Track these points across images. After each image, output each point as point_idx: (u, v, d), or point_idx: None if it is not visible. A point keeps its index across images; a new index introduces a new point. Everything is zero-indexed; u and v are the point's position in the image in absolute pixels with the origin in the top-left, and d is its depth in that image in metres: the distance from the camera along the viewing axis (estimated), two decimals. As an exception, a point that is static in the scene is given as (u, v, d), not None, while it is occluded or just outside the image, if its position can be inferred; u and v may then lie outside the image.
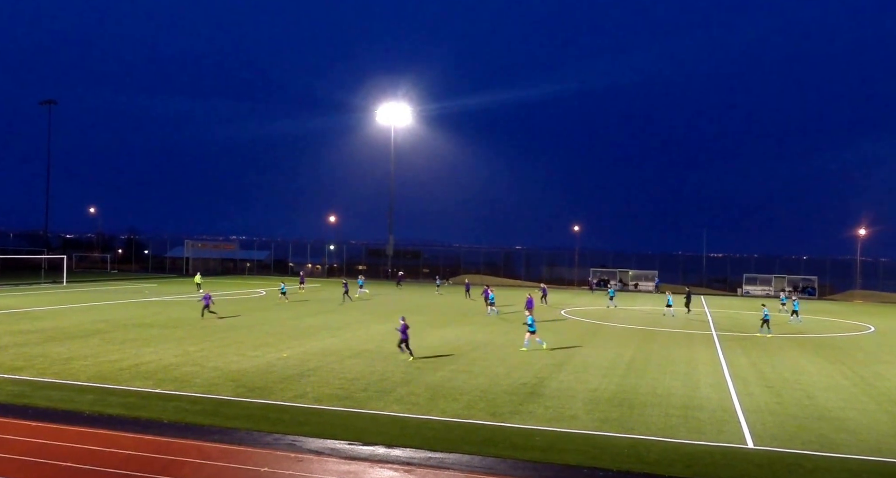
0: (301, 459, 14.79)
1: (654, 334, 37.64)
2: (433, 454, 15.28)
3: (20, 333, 31.35)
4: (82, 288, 60.80)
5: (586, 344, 32.88)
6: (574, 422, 18.40)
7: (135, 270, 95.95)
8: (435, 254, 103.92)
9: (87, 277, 75.46)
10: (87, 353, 26.72)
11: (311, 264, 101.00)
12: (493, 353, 29.23)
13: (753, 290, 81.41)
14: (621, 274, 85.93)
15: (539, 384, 23.01)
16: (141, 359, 25.81)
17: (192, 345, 29.26)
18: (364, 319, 40.74)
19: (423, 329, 36.73)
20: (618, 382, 23.91)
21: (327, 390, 21.25)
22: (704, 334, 38.41)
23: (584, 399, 21.01)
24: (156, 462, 14.26)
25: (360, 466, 14.49)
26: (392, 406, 19.49)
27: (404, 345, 26.93)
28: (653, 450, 16.06)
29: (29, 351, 26.85)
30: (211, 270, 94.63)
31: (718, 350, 32.19)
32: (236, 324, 36.91)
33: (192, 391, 20.73)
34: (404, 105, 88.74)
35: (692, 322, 44.90)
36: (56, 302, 47.09)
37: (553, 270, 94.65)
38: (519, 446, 16.09)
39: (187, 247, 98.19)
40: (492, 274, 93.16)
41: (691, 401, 21.26)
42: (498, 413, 19.08)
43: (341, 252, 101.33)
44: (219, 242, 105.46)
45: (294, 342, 30.74)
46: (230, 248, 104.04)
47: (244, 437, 16.24)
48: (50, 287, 61.12)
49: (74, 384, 21.32)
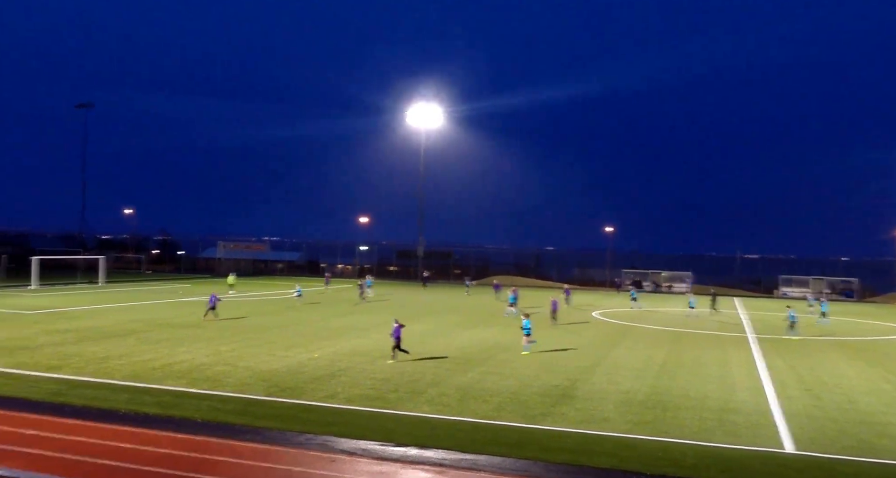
0: (333, 459, 14.80)
1: (687, 336, 37.24)
2: (465, 456, 15.21)
3: (57, 333, 31.78)
4: (117, 288, 61.55)
5: (617, 346, 32.61)
6: (606, 424, 18.23)
7: (168, 270, 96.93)
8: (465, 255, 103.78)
9: (122, 277, 76.39)
10: (123, 352, 27.01)
11: (341, 265, 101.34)
12: (522, 355, 29.08)
13: (790, 291, 79.85)
14: (653, 275, 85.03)
15: (570, 386, 22.84)
16: (174, 358, 26.04)
17: (224, 345, 29.47)
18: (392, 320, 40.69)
19: (451, 330, 36.70)
20: (650, 384, 23.67)
21: (358, 391, 21.27)
22: (739, 336, 37.92)
23: (616, 401, 20.82)
24: (189, 461, 14.34)
25: (391, 466, 14.46)
26: (423, 407, 19.45)
27: (397, 348, 26.50)
28: (688, 454, 15.85)
29: (65, 350, 27.20)
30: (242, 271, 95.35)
31: (754, 352, 31.75)
32: (267, 324, 37.12)
33: (224, 391, 20.86)
34: (435, 106, 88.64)
35: (726, 324, 44.38)
36: (92, 302, 47.70)
37: (584, 271, 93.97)
38: (550, 449, 15.97)
39: (220, 248, 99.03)
40: (522, 275, 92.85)
41: (726, 404, 20.97)
42: (529, 415, 18.97)
43: (372, 253, 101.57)
44: (251, 243, 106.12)
45: (324, 343, 30.84)
46: (262, 249, 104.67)
47: (276, 436, 16.29)
48: (86, 287, 61.93)
49: (110, 383, 21.55)
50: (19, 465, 13.44)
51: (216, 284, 64.86)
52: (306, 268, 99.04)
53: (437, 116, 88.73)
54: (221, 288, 59.55)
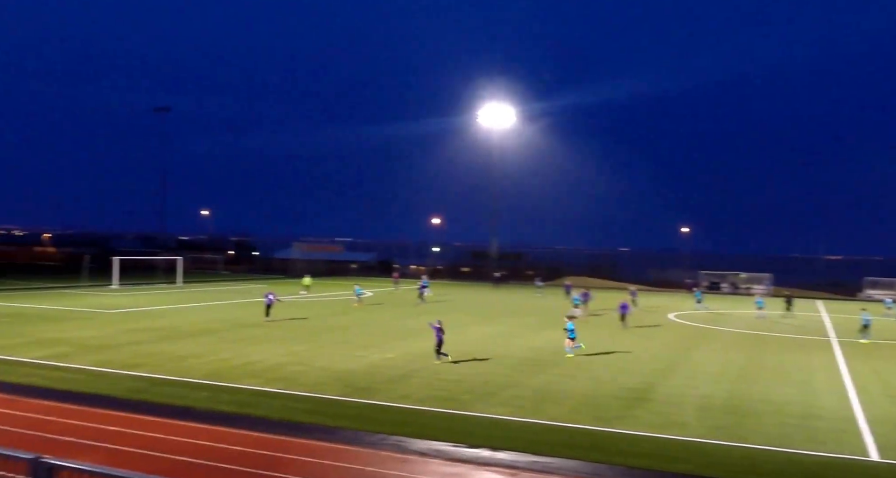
0: (406, 459, 14.80)
1: (767, 339, 36.17)
2: (538, 458, 15.03)
3: (137, 332, 32.70)
4: (195, 288, 63.06)
5: (695, 349, 31.89)
6: (684, 429, 17.79)
7: (244, 271, 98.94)
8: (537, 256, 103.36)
9: (200, 277, 78.21)
10: (201, 351, 27.61)
11: (413, 265, 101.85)
12: (596, 357, 28.69)
13: (876, 294, 76.61)
14: (732, 277, 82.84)
15: (646, 389, 22.41)
16: (251, 358, 26.50)
17: (300, 345, 29.86)
18: (467, 322, 40.71)
19: (524, 332, 36.48)
20: (729, 388, 23.05)
21: (431, 392, 21.27)
22: (822, 340, 36.68)
23: (694, 406, 20.33)
24: (264, 459, 14.53)
25: (464, 468, 14.39)
26: (496, 409, 19.32)
27: (439, 348, 26.33)
28: (768, 460, 15.36)
29: (145, 349, 27.96)
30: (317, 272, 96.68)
31: (837, 357, 30.66)
32: (341, 324, 37.47)
33: (299, 390, 21.11)
34: (506, 106, 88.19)
35: (807, 327, 42.98)
36: (171, 302, 48.98)
37: (659, 272, 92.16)
38: (626, 453, 15.67)
39: (294, 248, 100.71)
40: (595, 276, 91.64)
41: (809, 410, 20.27)
42: (604, 418, 18.66)
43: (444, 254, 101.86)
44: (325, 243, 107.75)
45: (398, 343, 30.97)
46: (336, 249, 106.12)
47: (349, 436, 16.38)
48: (165, 287, 63.63)
49: (188, 381, 22.04)
50: (101, 460, 13.80)
51: (292, 285, 65.93)
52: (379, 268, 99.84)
53: (509, 116, 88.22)
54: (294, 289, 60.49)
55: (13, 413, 17.68)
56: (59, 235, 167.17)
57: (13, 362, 24.70)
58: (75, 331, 32.13)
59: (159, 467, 13.79)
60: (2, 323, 34.54)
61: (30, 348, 27.30)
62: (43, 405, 18.56)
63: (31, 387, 20.71)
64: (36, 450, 7.73)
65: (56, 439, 15.43)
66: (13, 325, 34.13)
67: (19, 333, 31.17)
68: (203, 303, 48.30)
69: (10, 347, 27.58)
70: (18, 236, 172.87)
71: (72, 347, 27.64)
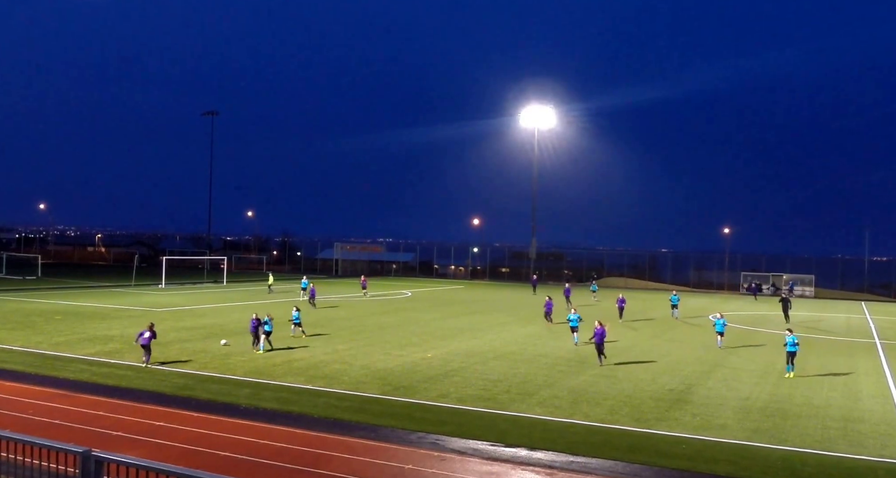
0: (444, 458, 15.02)
1: (810, 342, 35.68)
2: (575, 458, 15.15)
3: (184, 330, 33.39)
4: (240, 287, 64.00)
5: (736, 351, 31.62)
6: (723, 431, 17.76)
7: (287, 270, 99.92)
8: (577, 257, 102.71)
9: (245, 277, 79.30)
10: (245, 349, 28.12)
11: (453, 266, 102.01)
12: (636, 358, 28.64)
13: (924, 296, 75.23)
14: (774, 278, 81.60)
15: (686, 391, 22.35)
16: (293, 356, 26.94)
17: (341, 343, 30.25)
18: (507, 322, 40.83)
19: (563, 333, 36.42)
20: (770, 390, 22.88)
21: (470, 391, 21.47)
22: (867, 343, 36.13)
23: (734, 408, 20.25)
24: (306, 456, 14.85)
25: (502, 467, 14.56)
26: (534, 409, 19.46)
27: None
28: (809, 463, 15.29)
29: (192, 346, 28.57)
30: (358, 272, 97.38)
31: (882, 360, 30.20)
32: (383, 323, 37.80)
33: (340, 388, 21.45)
34: (547, 107, 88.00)
35: (852, 330, 42.31)
36: (217, 300, 49.82)
37: (701, 273, 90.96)
38: (664, 454, 15.71)
39: (337, 249, 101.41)
40: (636, 277, 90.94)
41: (851, 413, 20.06)
42: (643, 419, 18.69)
43: (484, 254, 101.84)
44: (366, 244, 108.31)
45: (438, 343, 31.21)
46: (377, 250, 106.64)
47: (389, 434, 16.65)
48: (211, 286, 64.69)
49: (233, 378, 22.53)
50: (148, 455, 14.23)
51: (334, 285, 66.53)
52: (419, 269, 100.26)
53: (550, 118, 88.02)
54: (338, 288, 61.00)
55: (65, 408, 18.28)
56: (111, 235, 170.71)
57: (66, 358, 25.46)
58: (125, 328, 32.91)
59: (204, 461, 14.18)
60: (56, 321, 35.53)
61: (82, 345, 28.10)
62: (93, 401, 19.15)
63: (82, 382, 21.40)
64: (86, 444, 8.09)
65: (106, 434, 15.94)
66: (67, 322, 35.08)
67: (73, 331, 32.06)
68: (248, 302, 49.01)
69: (64, 343, 28.41)
70: (72, 237, 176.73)
71: (122, 345, 28.35)
